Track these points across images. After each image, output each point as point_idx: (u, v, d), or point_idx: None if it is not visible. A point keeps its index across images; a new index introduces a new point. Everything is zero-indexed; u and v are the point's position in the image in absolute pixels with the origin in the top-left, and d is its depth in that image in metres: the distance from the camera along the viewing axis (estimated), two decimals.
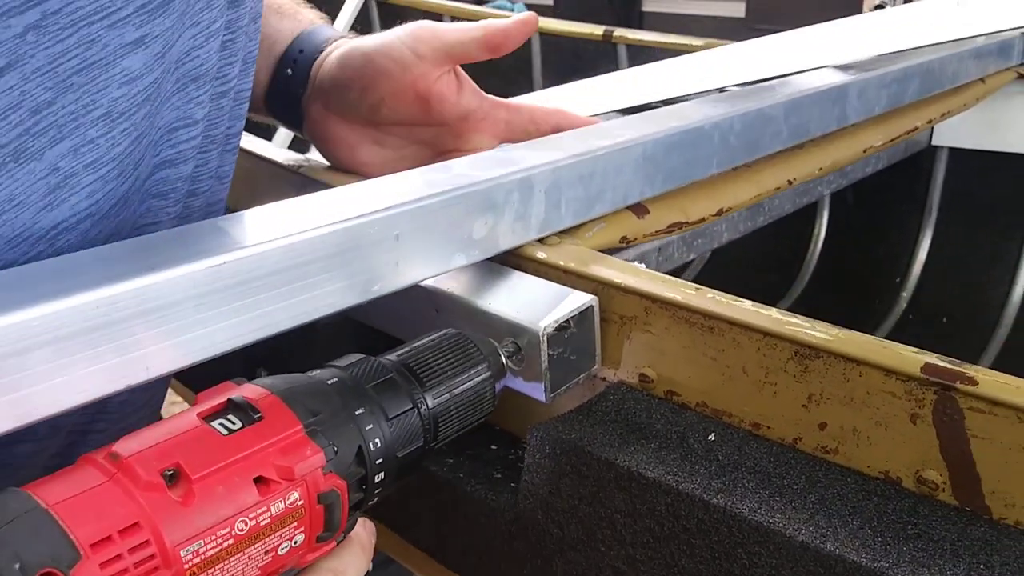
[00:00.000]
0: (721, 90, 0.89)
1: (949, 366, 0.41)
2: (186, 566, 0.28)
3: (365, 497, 0.35)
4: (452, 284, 0.51)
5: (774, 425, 0.45)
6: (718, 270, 1.37)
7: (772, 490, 0.42)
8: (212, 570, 0.28)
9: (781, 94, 0.74)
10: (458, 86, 0.63)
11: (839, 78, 0.82)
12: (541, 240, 0.54)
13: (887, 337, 1.30)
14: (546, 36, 1.55)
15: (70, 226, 0.40)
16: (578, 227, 0.57)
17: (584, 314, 0.48)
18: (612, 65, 1.46)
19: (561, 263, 0.51)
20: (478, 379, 0.41)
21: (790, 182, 0.76)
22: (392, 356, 0.40)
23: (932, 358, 0.41)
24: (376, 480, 0.35)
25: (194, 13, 0.44)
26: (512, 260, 0.53)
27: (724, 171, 0.69)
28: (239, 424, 0.31)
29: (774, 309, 0.46)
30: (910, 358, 0.41)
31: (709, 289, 0.48)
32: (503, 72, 1.55)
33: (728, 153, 0.68)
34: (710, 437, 0.46)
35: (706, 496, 0.41)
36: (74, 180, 0.40)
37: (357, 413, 0.35)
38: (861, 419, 0.43)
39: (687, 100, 0.90)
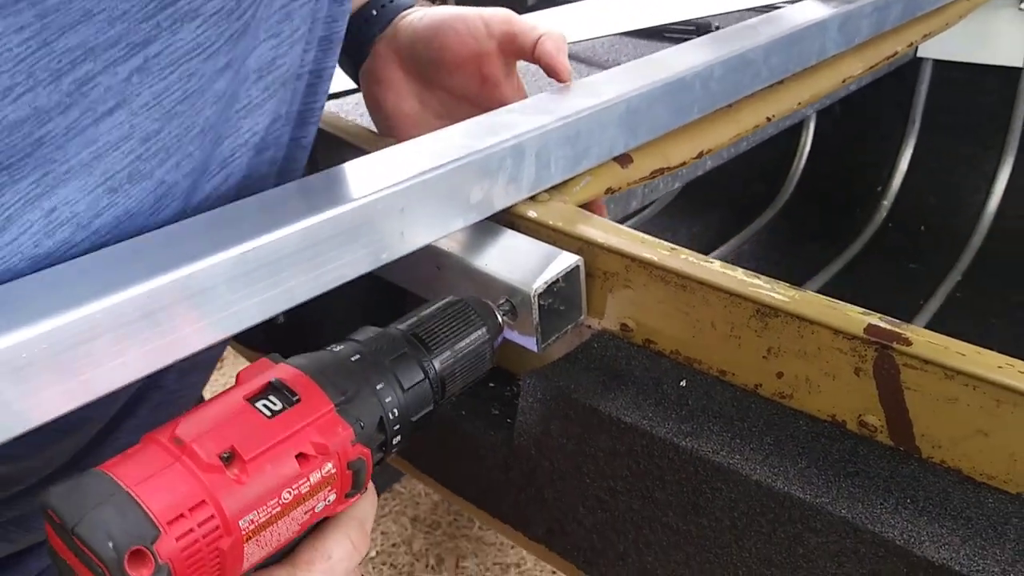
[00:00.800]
0: (699, 31, 0.92)
1: (888, 327, 0.46)
2: (243, 533, 0.34)
3: (384, 456, 0.41)
4: (452, 244, 0.56)
5: (738, 373, 0.52)
6: (704, 183, 1.42)
7: (734, 433, 0.48)
8: (263, 533, 0.35)
9: (762, 35, 0.77)
10: (513, 80, 0.68)
11: (821, 12, 0.85)
12: (532, 197, 0.59)
13: (866, 246, 1.36)
14: None
15: (168, 223, 0.46)
16: (566, 182, 0.62)
17: (571, 273, 0.54)
18: None
19: (550, 222, 0.56)
20: (478, 342, 0.47)
21: (769, 119, 0.80)
22: (402, 326, 0.46)
23: (875, 319, 0.47)
24: (394, 442, 0.41)
25: (270, 26, 0.49)
26: (506, 218, 0.58)
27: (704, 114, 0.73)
28: (280, 406, 0.37)
29: (740, 270, 0.51)
30: (855, 319, 0.47)
31: (683, 250, 0.53)
32: None
33: (709, 99, 0.72)
34: (682, 383, 0.52)
35: (676, 439, 0.48)
36: (176, 188, 0.46)
37: (378, 388, 0.41)
38: (813, 370, 0.49)
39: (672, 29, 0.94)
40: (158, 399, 0.58)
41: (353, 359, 0.42)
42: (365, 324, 0.60)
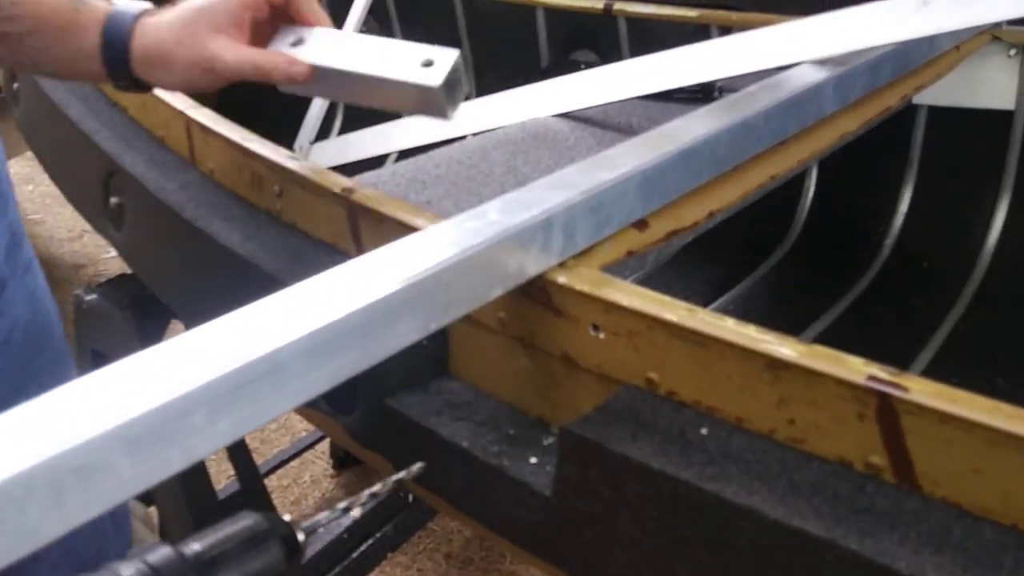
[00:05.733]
0: (705, 92, 0.98)
1: (887, 377, 0.52)
2: None
3: None
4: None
5: (754, 420, 0.57)
6: (715, 228, 1.48)
7: (752, 476, 0.54)
8: None
9: (762, 101, 0.84)
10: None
11: (816, 75, 0.92)
12: (561, 264, 0.65)
13: (872, 283, 1.41)
14: (550, 10, 1.63)
15: None
16: (591, 248, 0.68)
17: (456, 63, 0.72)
18: (613, 37, 1.54)
19: (578, 287, 0.62)
20: (264, 559, 0.52)
21: (771, 177, 0.86)
22: (195, 546, 0.50)
23: (875, 369, 0.53)
24: None
25: None
26: (537, 282, 0.64)
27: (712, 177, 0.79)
28: None
29: (752, 327, 0.57)
30: (857, 370, 0.53)
31: (700, 309, 0.59)
32: (509, 48, 1.63)
33: (716, 164, 0.78)
34: (703, 431, 0.57)
35: (700, 483, 0.53)
36: None
37: None
38: (821, 416, 0.54)
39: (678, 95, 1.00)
40: None
41: None
42: (404, 375, 0.66)
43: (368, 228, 0.73)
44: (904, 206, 1.43)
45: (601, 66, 1.09)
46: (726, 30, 1.37)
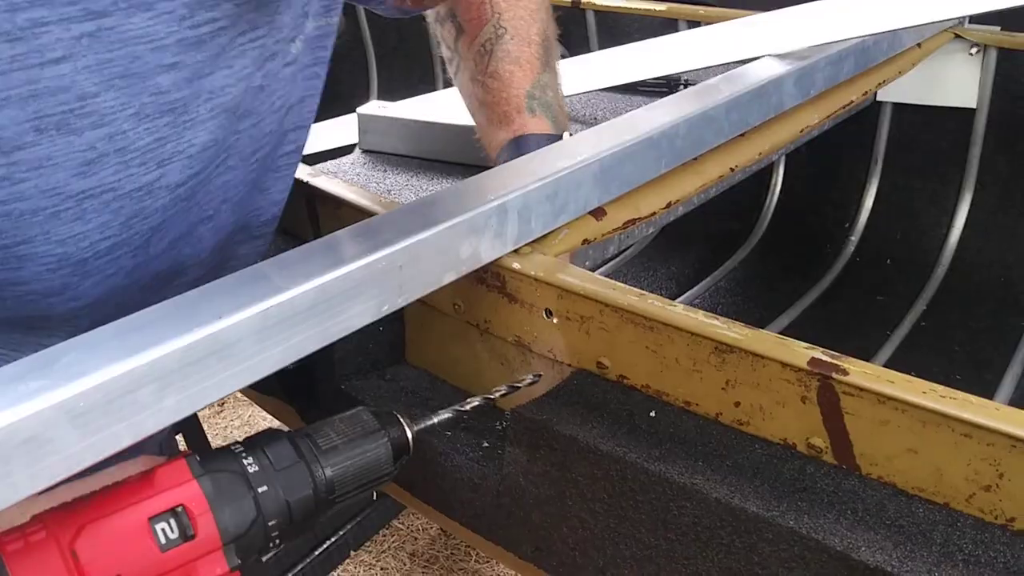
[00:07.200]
0: (670, 85, 0.99)
1: (828, 360, 0.53)
2: None
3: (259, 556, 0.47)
4: None
5: (701, 403, 0.58)
6: (681, 223, 1.49)
7: (697, 456, 0.55)
8: None
9: (723, 93, 0.85)
10: None
11: (777, 69, 0.93)
12: (516, 250, 0.66)
13: (836, 279, 1.43)
14: None
15: (95, 195, 0.52)
16: (546, 236, 0.68)
17: None
18: (582, 30, 1.55)
19: (532, 273, 0.63)
20: (372, 453, 0.54)
21: (732, 169, 0.87)
22: (308, 437, 0.53)
23: (817, 353, 0.54)
24: (271, 546, 0.48)
25: (228, 58, 0.56)
26: (491, 268, 0.65)
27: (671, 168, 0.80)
28: (175, 536, 0.43)
29: (700, 312, 0.58)
30: (800, 353, 0.54)
31: (650, 295, 0.60)
32: None
33: (675, 154, 0.79)
34: (651, 413, 0.58)
35: (646, 464, 0.54)
36: (105, 159, 0.52)
37: (270, 524, 0.47)
38: (765, 399, 0.55)
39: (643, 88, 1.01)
40: None
41: (261, 490, 0.48)
42: (361, 362, 0.67)
43: (326, 214, 0.74)
44: (869, 203, 1.45)
45: (568, 58, 1.10)
46: (694, 25, 1.39)
